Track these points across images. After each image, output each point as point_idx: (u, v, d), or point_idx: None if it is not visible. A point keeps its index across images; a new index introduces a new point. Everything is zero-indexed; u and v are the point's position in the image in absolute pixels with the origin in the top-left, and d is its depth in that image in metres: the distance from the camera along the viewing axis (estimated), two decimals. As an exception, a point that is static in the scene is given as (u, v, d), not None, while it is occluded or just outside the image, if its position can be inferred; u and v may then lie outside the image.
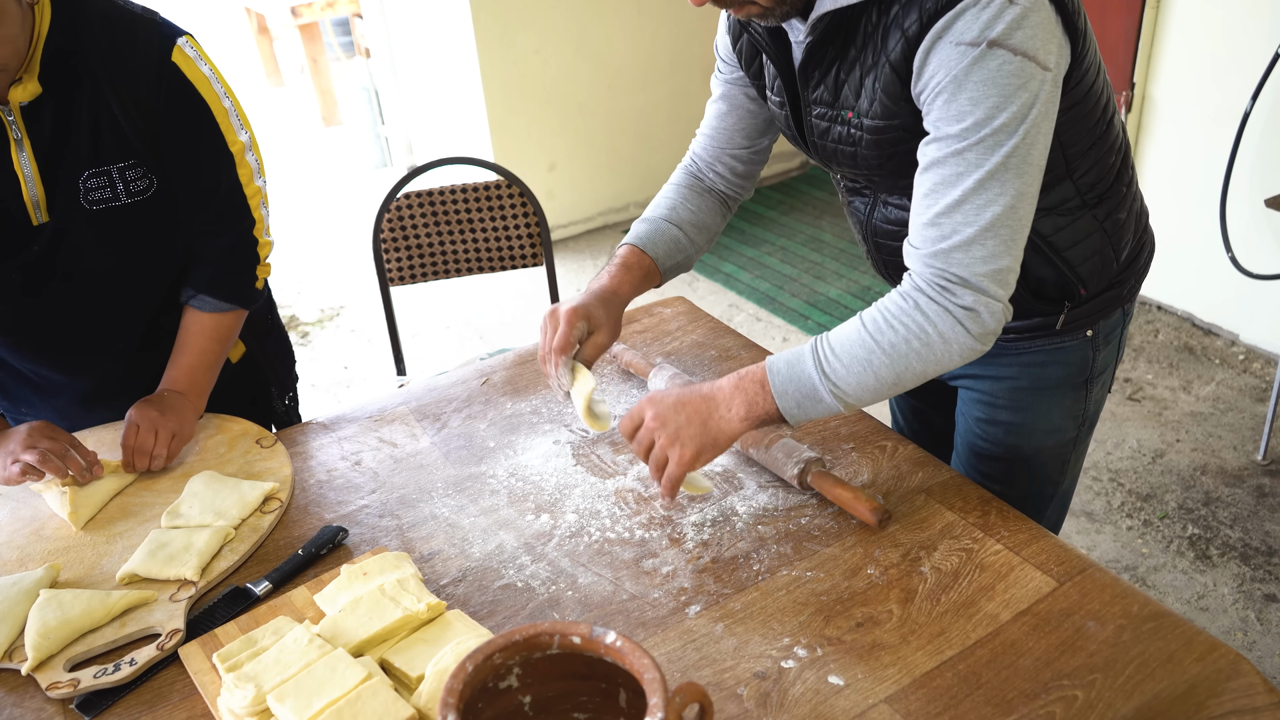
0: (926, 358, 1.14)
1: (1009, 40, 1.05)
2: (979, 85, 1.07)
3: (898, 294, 1.16)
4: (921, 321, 1.13)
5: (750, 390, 1.19)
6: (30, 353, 1.51)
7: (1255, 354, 3.20)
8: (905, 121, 1.17)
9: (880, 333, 1.14)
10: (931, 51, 1.09)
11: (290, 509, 1.38)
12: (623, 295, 1.41)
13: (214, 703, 1.06)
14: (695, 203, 1.50)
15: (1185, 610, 2.32)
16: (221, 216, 1.48)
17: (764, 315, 3.69)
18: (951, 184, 1.11)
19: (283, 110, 6.31)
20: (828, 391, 1.16)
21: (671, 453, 1.20)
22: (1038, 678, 1.04)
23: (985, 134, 1.08)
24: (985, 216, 1.10)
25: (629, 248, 1.45)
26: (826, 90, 1.23)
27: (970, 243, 1.11)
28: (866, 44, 1.15)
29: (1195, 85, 3.13)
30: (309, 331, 3.85)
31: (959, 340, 1.13)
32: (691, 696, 0.87)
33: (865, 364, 1.14)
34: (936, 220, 1.12)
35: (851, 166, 1.29)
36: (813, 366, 1.16)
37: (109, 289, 1.47)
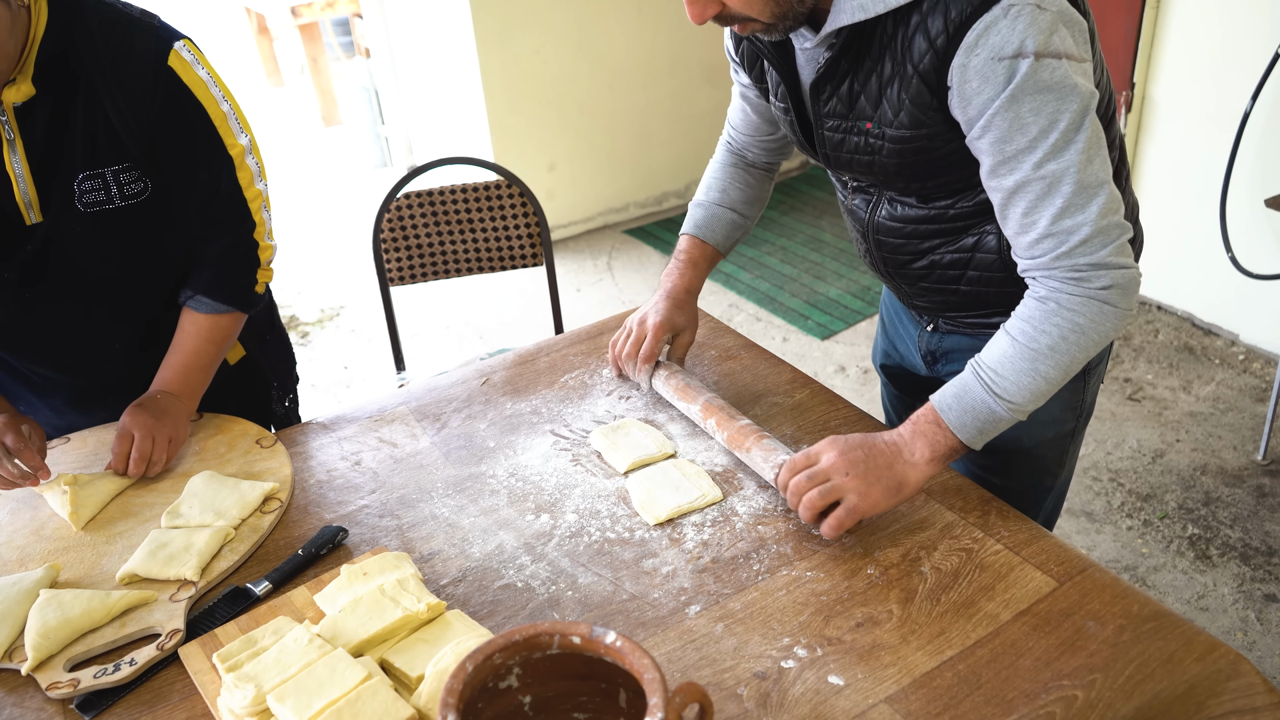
0: (1086, 345, 1.18)
1: (1049, 47, 1.07)
2: (1035, 96, 1.09)
3: (1034, 300, 1.19)
4: (1070, 316, 1.17)
5: (928, 432, 1.22)
6: (27, 353, 1.51)
7: (1255, 354, 3.20)
8: (933, 130, 1.18)
9: (1035, 340, 1.18)
10: (969, 67, 1.10)
11: (290, 509, 1.38)
12: (695, 291, 1.57)
13: (214, 703, 1.06)
14: (743, 179, 1.61)
15: (1185, 610, 2.32)
16: (221, 220, 1.48)
17: (764, 315, 3.69)
18: (1048, 196, 1.14)
19: (283, 110, 6.31)
20: (1006, 409, 1.19)
21: (854, 491, 1.19)
22: (1038, 678, 1.04)
23: (1055, 138, 1.11)
24: (1092, 211, 1.13)
25: (691, 239, 1.59)
26: (840, 103, 1.23)
27: (1089, 239, 1.15)
28: (884, 55, 1.16)
29: (1195, 85, 3.13)
30: (309, 331, 3.85)
31: (1110, 319, 1.17)
32: (691, 696, 0.87)
33: (1032, 374, 1.18)
34: (1049, 232, 1.15)
35: (867, 173, 1.30)
36: (984, 392, 1.20)
37: (104, 290, 1.47)
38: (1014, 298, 1.31)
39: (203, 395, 1.53)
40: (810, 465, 1.22)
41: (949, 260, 1.37)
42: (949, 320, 1.49)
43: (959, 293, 1.41)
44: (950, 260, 1.37)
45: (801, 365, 3.33)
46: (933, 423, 1.22)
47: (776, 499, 1.32)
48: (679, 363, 1.53)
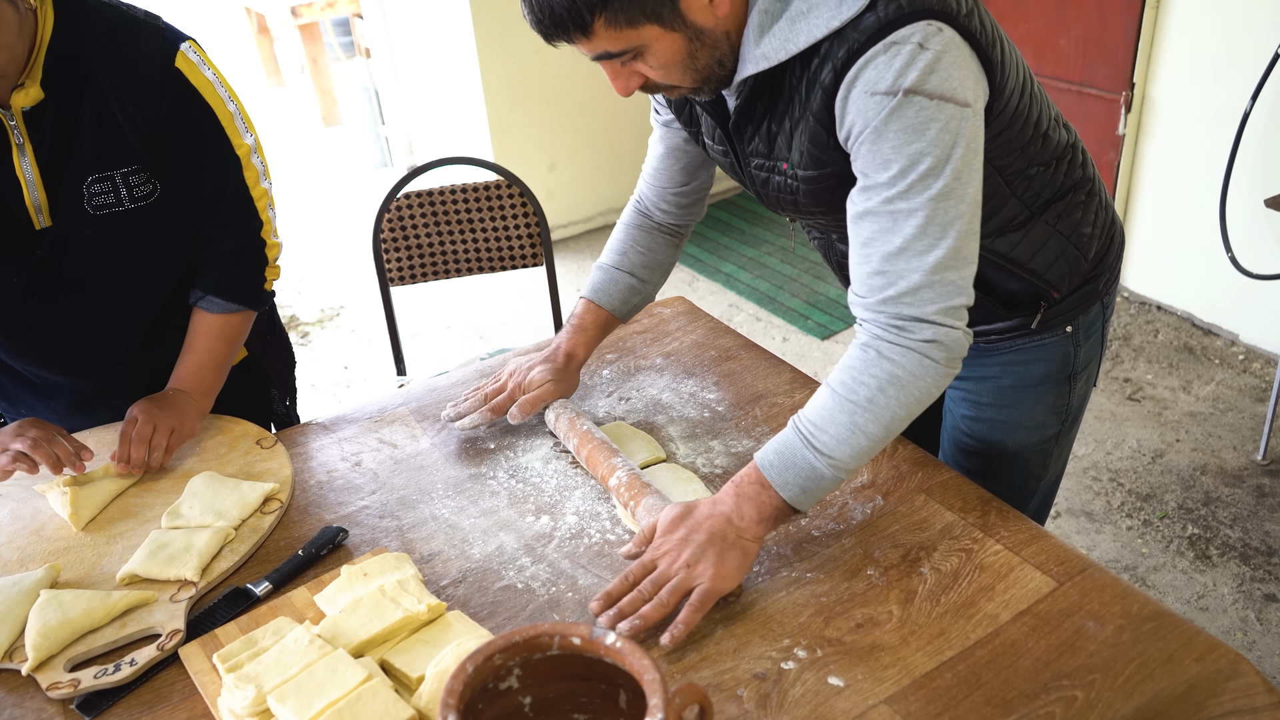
0: (906, 400, 1.14)
1: (924, 86, 1.06)
2: (899, 134, 1.07)
3: (857, 348, 1.16)
4: (889, 367, 1.13)
5: (753, 494, 1.16)
6: (32, 356, 1.51)
7: (1255, 354, 3.20)
8: (836, 168, 1.18)
9: (854, 392, 1.14)
10: (848, 100, 1.09)
11: (290, 510, 1.38)
12: (579, 358, 1.53)
13: (214, 703, 1.06)
14: (645, 243, 1.55)
15: (1185, 610, 2.33)
16: (229, 220, 1.48)
17: (764, 315, 3.69)
18: (889, 232, 1.11)
19: (283, 110, 6.31)
20: (827, 466, 1.14)
21: (705, 576, 1.12)
22: (1037, 678, 1.04)
23: (913, 179, 1.08)
24: (928, 261, 1.10)
25: (585, 303, 1.55)
26: (761, 142, 1.23)
27: (918, 288, 1.11)
28: (793, 97, 1.15)
29: (1195, 85, 3.13)
30: (309, 331, 3.85)
31: (930, 373, 1.13)
32: (691, 697, 0.87)
33: (851, 428, 1.13)
34: (880, 269, 1.12)
35: (795, 212, 1.30)
36: (803, 447, 1.15)
37: (112, 293, 1.47)
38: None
39: (216, 394, 1.53)
40: (648, 572, 1.15)
41: None
42: None
43: None
44: None
45: (801, 365, 3.33)
46: (756, 483, 1.16)
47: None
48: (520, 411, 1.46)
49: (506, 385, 1.50)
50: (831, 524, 1.26)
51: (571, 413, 1.45)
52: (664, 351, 1.69)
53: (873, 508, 1.29)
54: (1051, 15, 3.32)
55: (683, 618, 1.10)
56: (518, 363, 1.53)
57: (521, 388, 1.48)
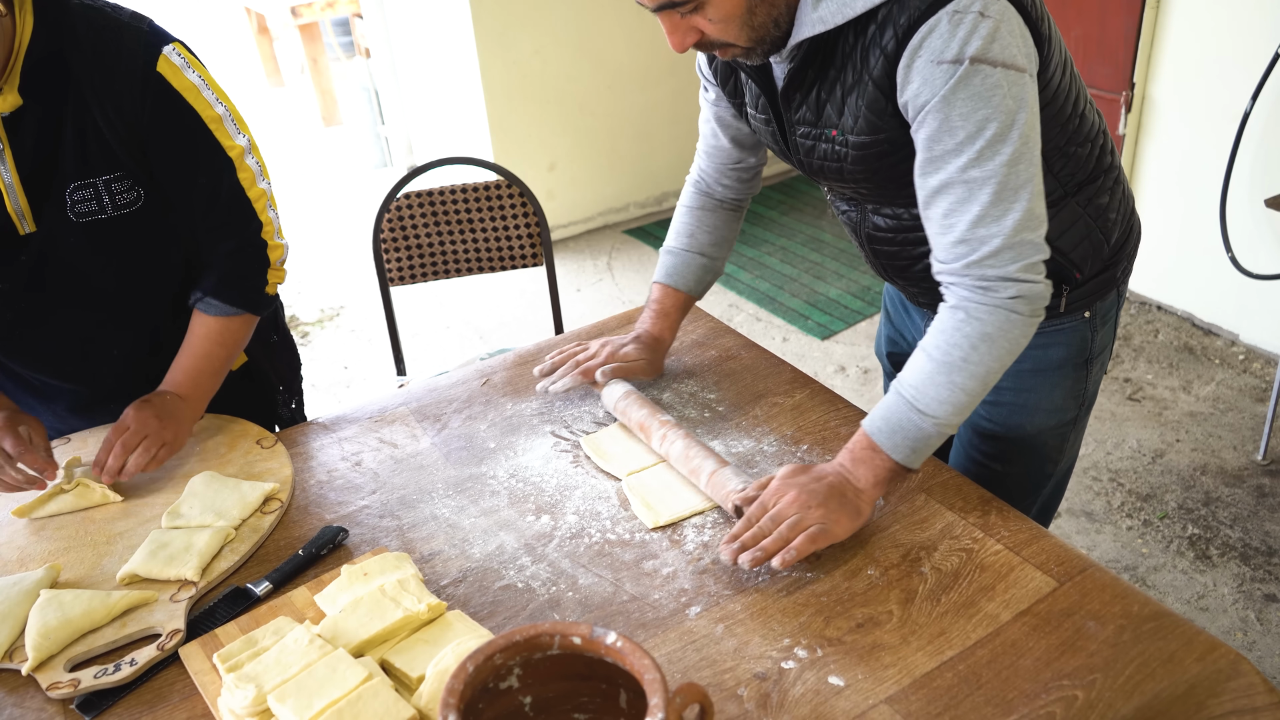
0: (998, 353, 1.20)
1: (988, 54, 1.10)
2: (967, 102, 1.11)
3: (945, 310, 1.21)
4: (978, 326, 1.19)
5: (866, 458, 1.24)
6: (26, 360, 1.50)
7: (1255, 354, 3.20)
8: (890, 135, 1.21)
9: (948, 353, 1.20)
10: (912, 68, 1.13)
11: (290, 509, 1.38)
12: (665, 341, 1.60)
13: (214, 703, 1.06)
14: (710, 221, 1.61)
15: (1185, 610, 2.33)
16: (226, 222, 1.46)
17: (764, 315, 3.69)
18: (966, 202, 1.16)
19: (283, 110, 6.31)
20: (932, 425, 1.21)
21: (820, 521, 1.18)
22: (1038, 678, 1.04)
23: (982, 145, 1.13)
24: (1007, 224, 1.15)
25: (662, 288, 1.61)
26: (809, 110, 1.26)
27: (999, 251, 1.16)
28: (846, 64, 1.19)
29: (1195, 85, 3.13)
30: (309, 331, 3.85)
31: (1017, 326, 1.19)
32: (692, 697, 0.87)
33: (949, 386, 1.20)
34: (963, 238, 1.17)
35: (839, 181, 1.33)
36: (909, 411, 1.21)
37: (102, 299, 1.45)
38: None
39: (211, 398, 1.51)
40: (767, 510, 1.21)
41: None
42: None
43: None
44: None
45: (801, 365, 3.33)
46: (868, 448, 1.23)
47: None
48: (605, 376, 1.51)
49: (599, 354, 1.54)
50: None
51: (635, 393, 1.48)
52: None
53: (873, 507, 1.29)
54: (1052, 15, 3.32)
55: (796, 544, 1.16)
56: (607, 339, 1.59)
57: (614, 357, 1.54)
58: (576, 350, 1.59)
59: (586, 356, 1.56)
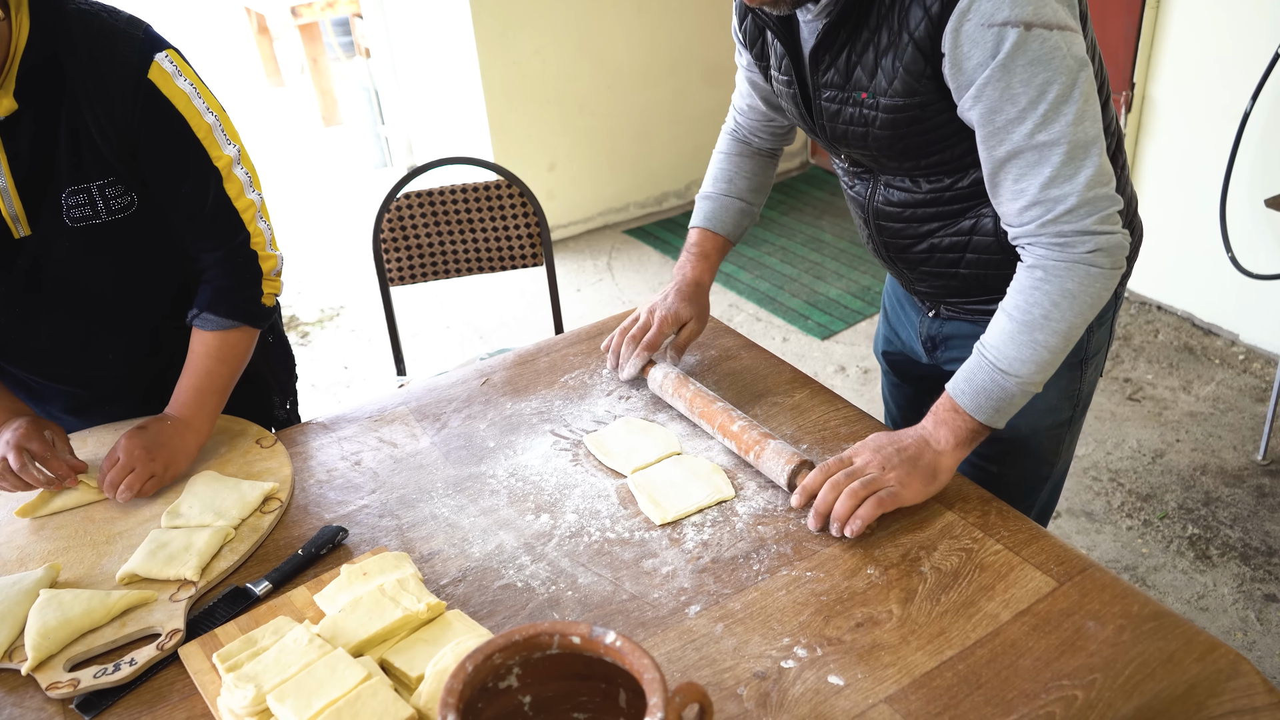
0: (1080, 309, 1.20)
1: (1040, 16, 1.09)
2: (1026, 66, 1.11)
3: (1024, 270, 1.22)
4: (1059, 283, 1.19)
5: (949, 419, 1.25)
6: (23, 363, 1.50)
7: (1255, 354, 3.20)
8: (926, 98, 1.20)
9: (1029, 312, 1.20)
10: (961, 31, 1.12)
11: (290, 509, 1.38)
12: (705, 284, 1.61)
13: (214, 703, 1.06)
14: (748, 168, 1.65)
15: (1185, 610, 2.33)
16: (212, 232, 1.44)
17: (764, 315, 3.69)
18: (1038, 165, 1.16)
19: (283, 110, 6.31)
20: (1016, 385, 1.21)
21: (895, 482, 1.22)
22: (1038, 678, 1.04)
23: (1045, 109, 1.13)
24: (1079, 181, 1.15)
25: (701, 231, 1.62)
26: (837, 73, 1.26)
27: (1075, 208, 1.17)
28: (881, 25, 1.18)
29: (1195, 85, 3.13)
30: (309, 331, 3.85)
31: (1098, 279, 1.19)
32: (691, 696, 0.87)
33: (1032, 345, 1.20)
34: (1036, 200, 1.18)
35: (861, 147, 1.32)
36: (992, 371, 1.22)
37: (98, 303, 1.45)
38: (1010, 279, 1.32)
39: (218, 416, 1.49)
40: (845, 467, 1.24)
41: (948, 244, 1.39)
42: (950, 306, 1.50)
43: (959, 276, 1.42)
44: (949, 244, 1.39)
45: (801, 365, 3.33)
46: (951, 410, 1.25)
47: (777, 499, 1.31)
48: (679, 352, 1.57)
49: (651, 322, 1.55)
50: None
51: (677, 374, 1.50)
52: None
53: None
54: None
55: (862, 512, 1.19)
56: (651, 302, 1.59)
57: (665, 319, 1.55)
58: (629, 325, 1.59)
59: (640, 329, 1.56)
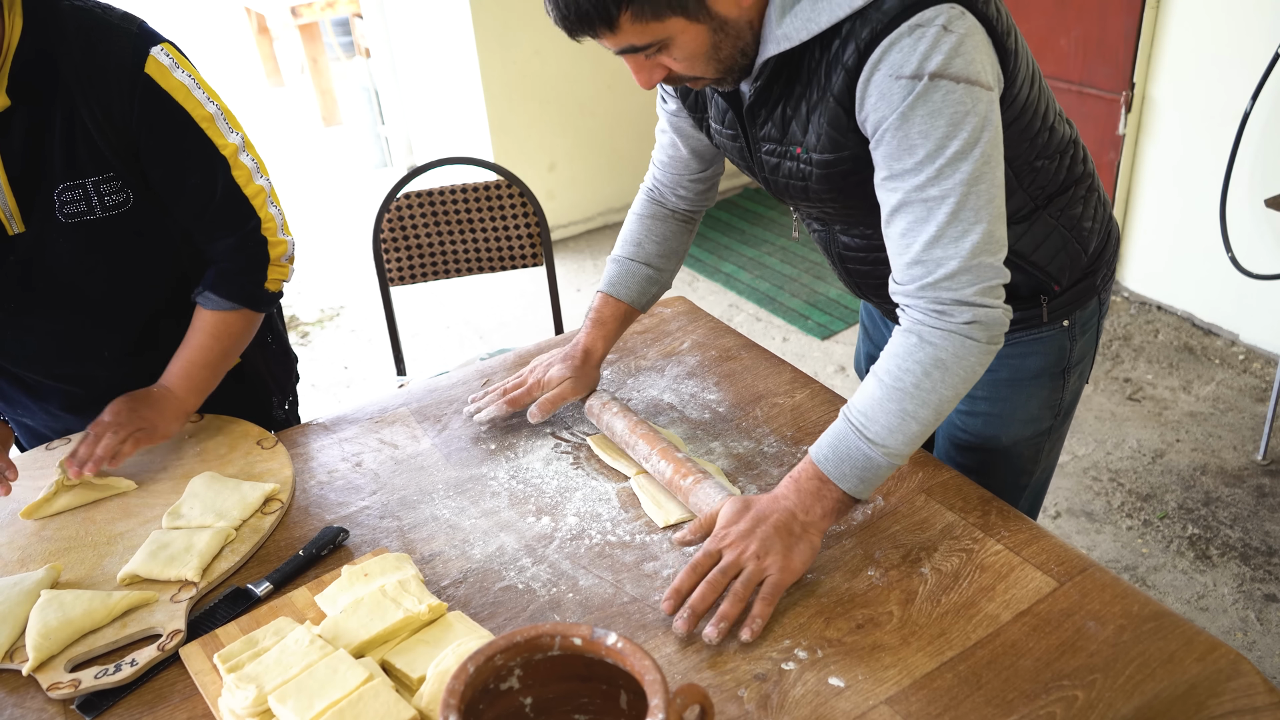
0: (952, 382, 1.15)
1: (949, 69, 1.06)
2: (926, 119, 1.08)
3: (899, 334, 1.18)
4: (932, 351, 1.14)
5: (811, 488, 1.19)
6: (18, 360, 1.50)
7: (1255, 354, 3.20)
8: (853, 152, 1.18)
9: (899, 380, 1.15)
10: (870, 83, 1.09)
11: (291, 510, 1.38)
12: (596, 353, 1.53)
13: (215, 703, 1.06)
14: (659, 231, 1.56)
15: (1185, 610, 2.33)
16: (223, 221, 1.45)
17: (764, 315, 3.69)
18: (924, 221, 1.12)
19: (283, 110, 6.31)
20: (881, 455, 1.16)
21: (774, 568, 1.14)
22: (1038, 678, 1.04)
23: (942, 164, 1.09)
24: (965, 246, 1.12)
25: (603, 297, 1.55)
26: (774, 127, 1.23)
27: (956, 273, 1.13)
28: (811, 80, 1.16)
29: (1195, 85, 3.13)
30: (309, 331, 3.85)
31: (972, 353, 1.15)
32: (692, 698, 0.87)
33: (900, 415, 1.15)
34: (919, 259, 1.14)
35: (804, 200, 1.30)
36: (857, 439, 1.17)
37: (91, 300, 1.45)
38: None
39: (207, 394, 1.51)
40: (714, 563, 1.15)
41: None
42: None
43: None
44: None
45: (801, 365, 3.33)
46: (815, 478, 1.19)
47: (777, 500, 1.31)
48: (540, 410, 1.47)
49: (526, 381, 1.52)
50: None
51: (614, 402, 1.47)
52: (664, 352, 1.69)
53: (873, 508, 1.29)
54: (1051, 15, 3.32)
55: (757, 611, 1.12)
56: (540, 360, 1.55)
57: (540, 385, 1.50)
58: (506, 381, 1.55)
59: (514, 385, 1.52)
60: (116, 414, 1.42)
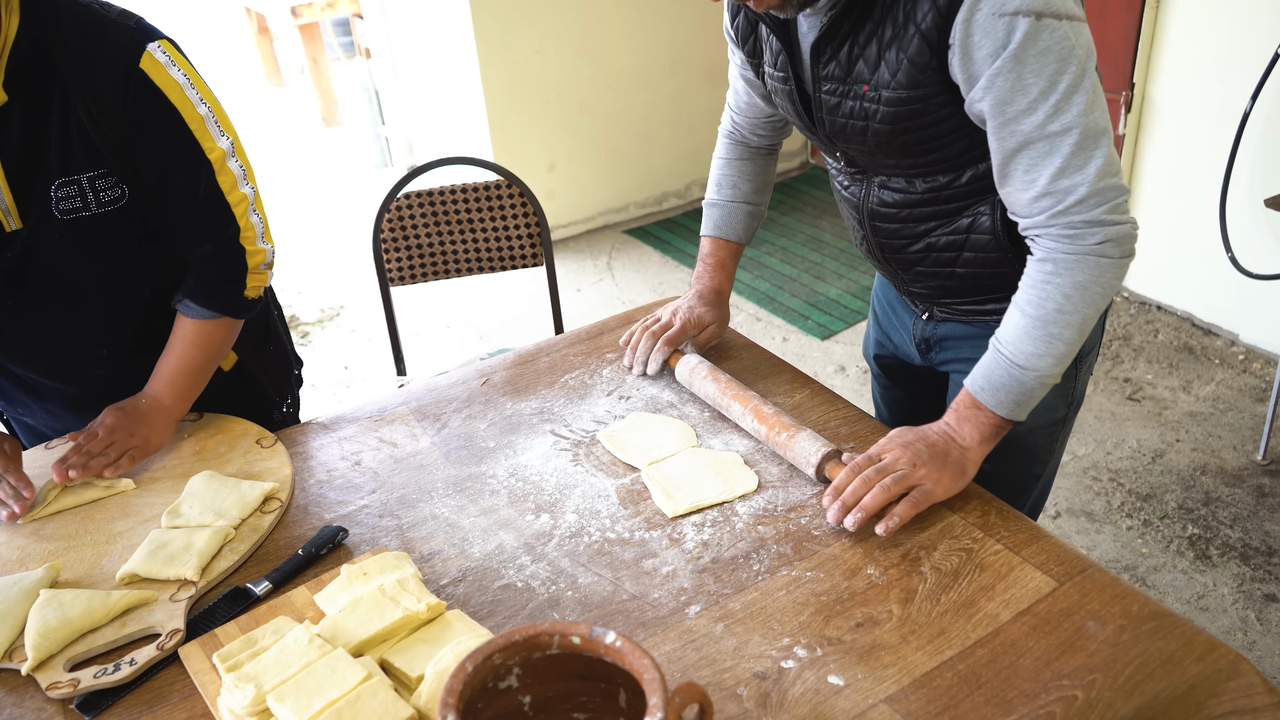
0: (1092, 301, 1.20)
1: (1050, 6, 1.10)
2: (1038, 56, 1.11)
3: (1034, 264, 1.22)
4: (1070, 275, 1.19)
5: (971, 416, 1.26)
6: (16, 358, 1.50)
7: (1255, 354, 3.20)
8: (929, 91, 1.20)
9: (1042, 306, 1.21)
10: (972, 22, 1.12)
11: (290, 509, 1.38)
12: (725, 291, 1.65)
13: (214, 703, 1.06)
14: (749, 170, 1.67)
15: (1185, 610, 2.33)
16: (201, 223, 1.44)
17: (764, 315, 3.69)
18: (1048, 155, 1.16)
19: (283, 110, 6.31)
20: (1034, 378, 1.22)
21: (927, 479, 1.22)
22: (1038, 678, 1.04)
23: (1057, 99, 1.13)
24: (1090, 172, 1.16)
25: (713, 240, 1.66)
26: (839, 66, 1.25)
27: (1085, 199, 1.17)
28: (885, 17, 1.18)
29: (1195, 85, 3.13)
30: (309, 331, 3.85)
31: (1108, 271, 1.20)
32: (691, 697, 0.87)
33: (1047, 339, 1.21)
34: (1047, 190, 1.18)
35: (859, 143, 1.31)
36: (1010, 366, 1.23)
37: (88, 297, 1.45)
38: (1009, 280, 1.32)
39: (194, 400, 1.51)
40: (874, 463, 1.24)
41: (945, 242, 1.39)
42: (944, 308, 1.50)
43: (955, 275, 1.42)
44: (946, 242, 1.39)
45: (801, 365, 3.33)
46: (972, 406, 1.26)
47: (777, 499, 1.31)
48: (700, 350, 1.58)
49: (674, 322, 1.58)
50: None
51: (703, 364, 1.52)
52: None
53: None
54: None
55: (898, 510, 1.20)
56: (666, 308, 1.62)
57: (689, 322, 1.57)
58: (651, 323, 1.61)
59: (662, 327, 1.58)
60: (110, 431, 1.42)
